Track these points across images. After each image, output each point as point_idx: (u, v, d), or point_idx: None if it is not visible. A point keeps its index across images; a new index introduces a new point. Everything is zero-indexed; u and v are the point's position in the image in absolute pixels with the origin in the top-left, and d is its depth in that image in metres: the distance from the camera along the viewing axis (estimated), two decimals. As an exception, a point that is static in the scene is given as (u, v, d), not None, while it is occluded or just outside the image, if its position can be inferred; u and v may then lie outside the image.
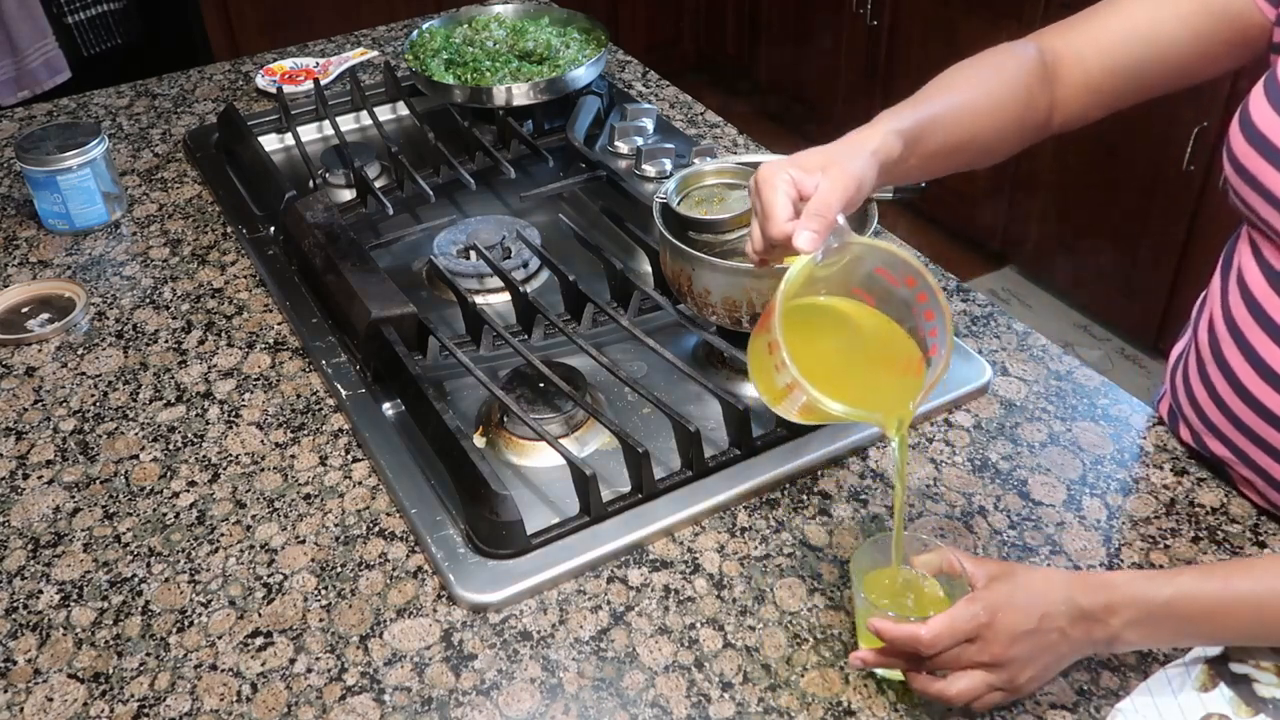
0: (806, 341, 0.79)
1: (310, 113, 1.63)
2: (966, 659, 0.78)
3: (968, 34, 2.84)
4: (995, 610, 0.77)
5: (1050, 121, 1.00)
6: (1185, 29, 0.94)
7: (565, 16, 1.68)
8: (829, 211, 0.80)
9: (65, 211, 1.41)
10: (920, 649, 0.77)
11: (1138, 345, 2.72)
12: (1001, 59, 0.98)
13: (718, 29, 3.82)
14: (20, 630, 0.92)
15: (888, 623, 0.78)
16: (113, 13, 2.80)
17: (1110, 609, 0.79)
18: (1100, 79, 0.97)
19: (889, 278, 0.83)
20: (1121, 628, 0.79)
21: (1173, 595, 0.79)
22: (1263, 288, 0.92)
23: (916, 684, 0.80)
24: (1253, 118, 0.89)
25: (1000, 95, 0.96)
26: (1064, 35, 0.99)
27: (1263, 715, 0.80)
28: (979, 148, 0.96)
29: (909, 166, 0.90)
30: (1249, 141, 0.89)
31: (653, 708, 0.84)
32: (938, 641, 0.77)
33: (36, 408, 1.15)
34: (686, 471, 1.01)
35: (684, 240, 1.12)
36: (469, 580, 0.92)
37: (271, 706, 0.85)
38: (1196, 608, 0.79)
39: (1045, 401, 1.11)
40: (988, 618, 0.77)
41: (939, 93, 0.95)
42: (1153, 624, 0.80)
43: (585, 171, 1.46)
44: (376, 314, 1.12)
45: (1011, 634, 0.77)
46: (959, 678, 0.79)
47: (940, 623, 0.77)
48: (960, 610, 0.78)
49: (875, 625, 0.79)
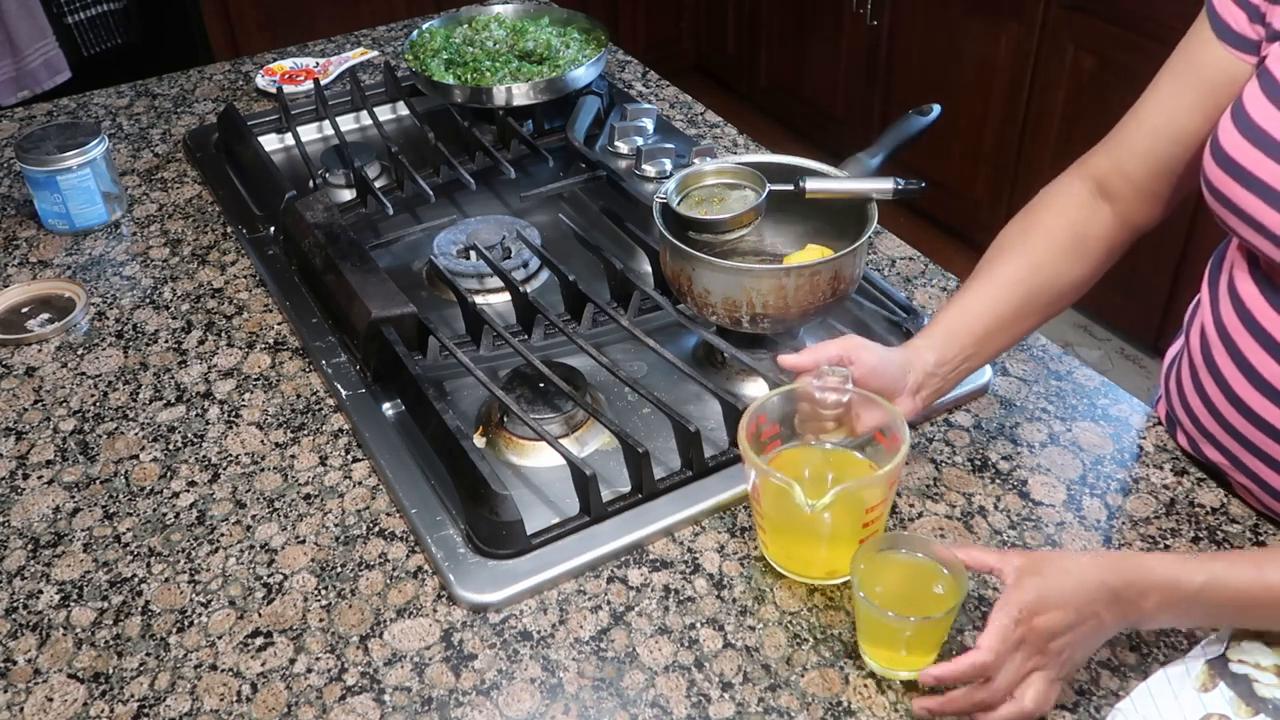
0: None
1: (310, 113, 1.63)
2: (1022, 668, 0.78)
3: (968, 34, 2.84)
4: (1033, 613, 0.78)
5: (1121, 236, 1.02)
6: (1198, 115, 0.95)
7: (565, 16, 1.68)
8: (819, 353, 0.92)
9: (65, 211, 1.41)
10: (988, 671, 0.78)
11: (1138, 345, 2.72)
12: (1043, 217, 1.02)
13: (718, 29, 3.82)
14: (20, 630, 0.92)
15: (946, 667, 0.78)
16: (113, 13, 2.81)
17: (1143, 593, 0.79)
18: (1148, 183, 0.99)
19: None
20: (1154, 610, 0.80)
21: (1205, 582, 0.80)
22: (1254, 296, 0.93)
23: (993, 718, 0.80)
24: (1222, 144, 0.90)
25: (1051, 254, 1.00)
26: (1104, 154, 1.02)
27: (1263, 715, 0.80)
28: (1046, 303, 1.01)
29: (971, 357, 0.99)
30: (1221, 167, 0.90)
31: (653, 708, 0.84)
32: (1001, 657, 0.77)
33: (36, 408, 1.15)
34: (686, 471, 1.01)
35: (684, 240, 1.12)
36: (469, 580, 0.92)
37: (271, 706, 0.85)
38: (1228, 595, 0.81)
39: (1045, 401, 1.11)
40: (1027, 622, 0.77)
41: (979, 285, 1.01)
42: (1184, 609, 0.81)
43: (585, 171, 1.46)
44: (376, 314, 1.12)
45: (1052, 631, 0.78)
46: (1025, 689, 0.79)
47: (992, 638, 0.77)
48: (1000, 618, 0.77)
49: (933, 674, 0.79)
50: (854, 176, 1.17)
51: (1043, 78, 2.67)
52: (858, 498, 0.87)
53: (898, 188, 1.11)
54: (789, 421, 0.95)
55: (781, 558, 0.93)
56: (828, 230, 1.18)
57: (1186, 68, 0.96)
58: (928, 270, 1.32)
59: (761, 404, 0.92)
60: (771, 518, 0.91)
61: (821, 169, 1.16)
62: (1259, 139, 0.87)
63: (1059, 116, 2.67)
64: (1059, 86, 2.63)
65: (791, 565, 0.93)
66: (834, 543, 0.90)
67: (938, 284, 1.29)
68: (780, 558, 0.93)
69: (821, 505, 0.83)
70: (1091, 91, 2.56)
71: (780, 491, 0.85)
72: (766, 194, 1.14)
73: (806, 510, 0.83)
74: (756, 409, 0.92)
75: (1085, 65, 2.55)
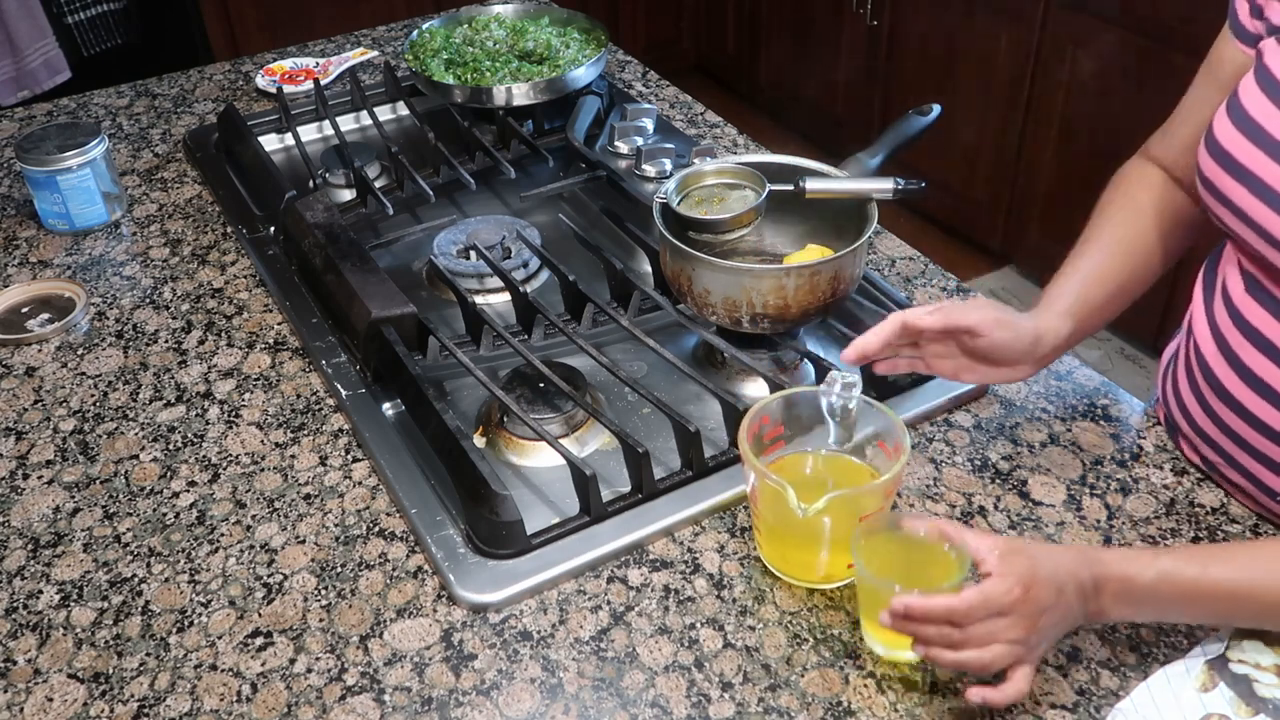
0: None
1: (310, 113, 1.63)
2: (999, 633, 0.77)
3: (968, 34, 2.83)
4: (1028, 585, 0.77)
5: (1195, 215, 1.05)
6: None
7: (565, 16, 1.68)
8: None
9: (65, 211, 1.41)
10: (955, 620, 0.76)
11: (1138, 345, 2.72)
12: (1137, 193, 1.06)
13: (718, 29, 3.82)
14: (20, 630, 0.92)
15: (918, 599, 0.77)
16: (113, 13, 2.81)
17: (1099, 585, 0.80)
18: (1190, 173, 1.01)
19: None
20: (1109, 603, 0.80)
21: (1155, 578, 0.80)
22: (1244, 298, 0.93)
23: (938, 658, 0.79)
24: (1216, 136, 0.91)
25: (1144, 230, 1.04)
26: (1159, 142, 1.07)
27: (1263, 715, 0.80)
28: (1146, 278, 1.05)
29: (1093, 326, 1.02)
30: (1214, 158, 0.91)
31: (653, 708, 0.84)
32: (973, 614, 0.76)
33: (36, 408, 1.15)
34: (686, 471, 1.01)
35: (684, 240, 1.12)
36: (469, 580, 0.92)
37: (271, 706, 0.85)
38: (1176, 592, 0.81)
39: (1045, 401, 1.11)
40: (1022, 592, 0.76)
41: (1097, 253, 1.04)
42: (1135, 603, 0.82)
43: (585, 171, 1.46)
44: (376, 314, 1.12)
45: (1040, 608, 0.77)
46: (985, 651, 0.77)
47: (974, 596, 0.76)
48: (995, 585, 0.76)
49: (905, 602, 0.77)
50: (854, 176, 1.17)
51: (1043, 78, 2.67)
52: (853, 504, 0.87)
53: (898, 188, 1.11)
54: (792, 424, 0.95)
55: (776, 560, 0.93)
56: (828, 230, 1.18)
57: (1210, 62, 0.99)
58: (928, 270, 1.32)
59: (764, 405, 0.92)
60: (767, 520, 0.91)
61: (821, 169, 1.16)
62: (1252, 132, 0.87)
63: (1059, 116, 2.67)
64: (1059, 86, 2.63)
65: (785, 568, 0.93)
66: (826, 548, 0.90)
67: (938, 284, 1.29)
68: (774, 559, 0.93)
69: (814, 510, 0.83)
70: (1091, 91, 2.56)
71: (775, 494, 0.85)
72: (766, 194, 1.14)
73: (799, 514, 0.83)
74: (759, 410, 0.92)
75: (1085, 65, 2.55)
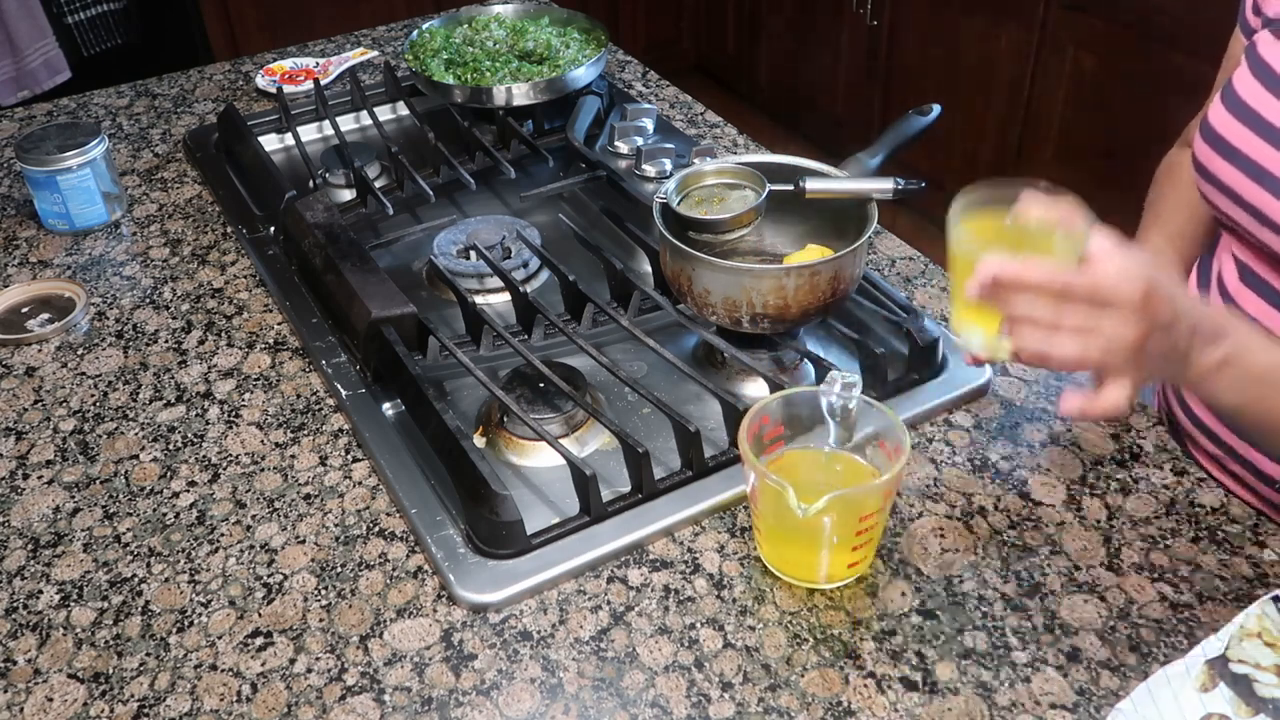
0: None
1: (310, 113, 1.63)
2: (1102, 327, 0.65)
3: (968, 34, 2.84)
4: (1149, 291, 0.65)
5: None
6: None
7: (565, 16, 1.68)
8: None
9: (65, 211, 1.41)
10: (1054, 292, 0.64)
11: (1138, 345, 2.73)
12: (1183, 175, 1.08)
13: (718, 29, 3.82)
14: (20, 630, 0.92)
15: (1012, 261, 0.64)
16: (113, 13, 2.81)
17: (1216, 338, 0.70)
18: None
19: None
20: (1214, 365, 0.72)
21: (1275, 361, 0.73)
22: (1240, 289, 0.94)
23: (1023, 343, 0.67)
24: (1211, 122, 0.92)
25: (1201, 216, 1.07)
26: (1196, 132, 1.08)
27: (1263, 715, 0.80)
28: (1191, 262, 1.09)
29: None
30: (1209, 143, 0.92)
31: (653, 708, 0.84)
32: (1074, 292, 0.63)
33: (36, 408, 1.15)
34: (686, 471, 1.01)
35: (684, 240, 1.12)
36: (469, 580, 0.92)
37: (271, 706, 0.85)
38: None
39: (1045, 401, 1.11)
40: (1140, 292, 0.64)
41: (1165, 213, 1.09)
42: (1242, 379, 0.73)
43: (585, 171, 1.46)
44: (376, 314, 1.12)
45: (1154, 322, 0.66)
46: (1080, 340, 0.64)
47: (1083, 274, 0.63)
48: (1111, 269, 0.64)
49: (999, 264, 0.63)
50: (854, 176, 1.17)
51: (1043, 78, 2.67)
52: (853, 504, 0.87)
53: (898, 188, 1.11)
54: (792, 423, 0.95)
55: (776, 560, 0.93)
56: (828, 230, 1.18)
57: (1226, 57, 1.02)
58: (928, 270, 1.32)
59: (764, 405, 0.92)
60: (767, 520, 0.91)
61: (821, 169, 1.16)
62: (1246, 115, 0.89)
63: (1059, 116, 2.67)
64: (1059, 86, 2.63)
65: (785, 568, 0.93)
66: (827, 548, 0.90)
67: (938, 284, 1.29)
68: (774, 559, 0.93)
69: (814, 510, 0.83)
70: (1091, 91, 2.56)
71: (775, 494, 0.85)
72: (766, 194, 1.14)
73: (799, 514, 0.83)
74: (759, 410, 0.92)
75: (1085, 65, 2.55)
